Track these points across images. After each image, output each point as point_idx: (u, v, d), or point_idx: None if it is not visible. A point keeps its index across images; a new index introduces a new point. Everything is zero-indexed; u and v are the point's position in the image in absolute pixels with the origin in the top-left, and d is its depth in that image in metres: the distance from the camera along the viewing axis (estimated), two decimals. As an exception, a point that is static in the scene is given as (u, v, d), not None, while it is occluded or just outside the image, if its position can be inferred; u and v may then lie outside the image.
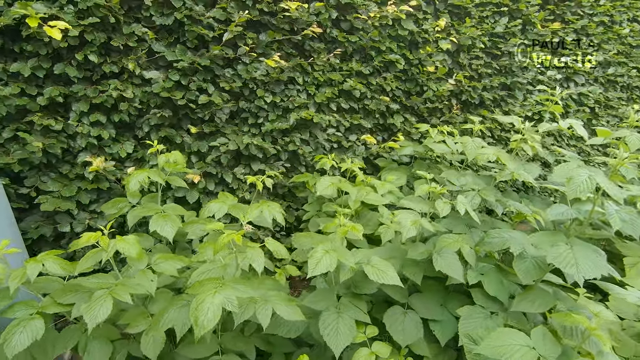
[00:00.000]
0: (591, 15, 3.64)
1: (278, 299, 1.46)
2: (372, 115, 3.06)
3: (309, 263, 1.48)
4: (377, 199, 2.40)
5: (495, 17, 3.23)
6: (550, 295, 1.64)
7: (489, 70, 3.30)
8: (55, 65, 1.99)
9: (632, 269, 2.10)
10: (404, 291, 2.00)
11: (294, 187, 2.91)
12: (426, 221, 1.77)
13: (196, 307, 1.17)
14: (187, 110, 2.37)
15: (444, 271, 1.74)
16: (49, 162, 2.16)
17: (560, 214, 1.59)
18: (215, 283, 1.26)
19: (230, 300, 1.20)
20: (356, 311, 1.69)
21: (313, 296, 1.74)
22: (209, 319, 1.14)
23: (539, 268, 1.63)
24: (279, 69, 2.48)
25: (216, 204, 1.79)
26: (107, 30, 2.07)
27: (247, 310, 1.36)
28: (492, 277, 1.83)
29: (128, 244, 1.43)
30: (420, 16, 2.91)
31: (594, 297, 2.35)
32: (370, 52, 2.86)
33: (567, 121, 2.18)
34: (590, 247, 1.46)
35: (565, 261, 1.39)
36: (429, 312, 1.92)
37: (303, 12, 2.41)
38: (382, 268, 1.59)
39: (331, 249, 1.57)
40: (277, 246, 1.38)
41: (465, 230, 2.11)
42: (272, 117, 2.62)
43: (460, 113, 3.37)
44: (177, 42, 2.24)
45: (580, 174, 1.43)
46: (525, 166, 2.25)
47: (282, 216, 1.71)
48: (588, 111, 3.99)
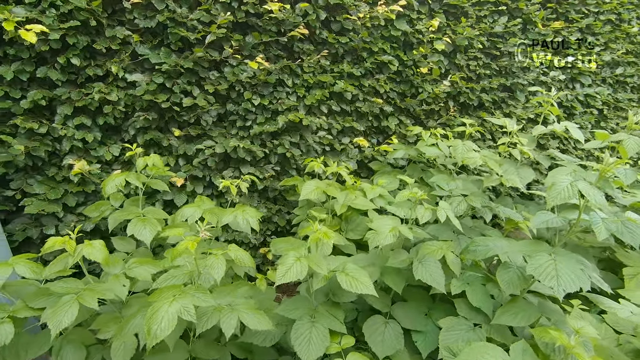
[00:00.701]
0: (597, 14, 3.50)
1: (246, 308, 1.42)
2: (365, 118, 3.00)
3: (277, 270, 1.43)
4: (364, 203, 2.34)
5: (494, 16, 3.14)
6: (534, 307, 1.55)
7: (487, 71, 3.21)
8: (39, 68, 2.00)
9: (631, 280, 1.99)
10: (387, 300, 1.94)
11: (284, 190, 2.87)
12: (405, 228, 1.70)
13: (150, 315, 1.13)
14: (173, 113, 2.36)
15: (424, 280, 1.67)
16: (35, 165, 2.17)
17: (544, 222, 1.51)
18: (175, 291, 1.23)
19: (187, 309, 1.16)
20: (331, 320, 1.63)
21: (288, 304, 1.70)
22: (162, 328, 1.11)
23: (523, 279, 1.55)
24: (266, 70, 2.44)
25: (190, 208, 1.76)
26: (90, 34, 2.08)
27: (210, 319, 1.32)
28: (477, 287, 1.75)
29: (94, 249, 1.42)
30: (414, 16, 2.84)
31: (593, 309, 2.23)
32: (362, 54, 2.80)
33: (563, 124, 2.08)
34: (575, 258, 1.37)
35: (545, 273, 1.31)
36: (411, 322, 1.85)
37: (288, 13, 2.38)
38: (356, 276, 1.53)
39: (303, 255, 1.52)
40: (239, 254, 1.34)
41: (452, 237, 2.03)
42: (261, 120, 2.59)
43: (459, 115, 3.28)
44: (162, 45, 2.23)
45: (562, 180, 1.35)
46: (519, 170, 2.16)
47: (257, 221, 1.66)
48: (595, 113, 3.84)
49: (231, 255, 1.31)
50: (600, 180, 1.37)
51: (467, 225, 2.19)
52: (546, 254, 1.38)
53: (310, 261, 1.50)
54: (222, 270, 1.27)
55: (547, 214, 1.53)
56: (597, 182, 1.37)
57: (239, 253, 1.34)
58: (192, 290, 1.24)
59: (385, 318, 1.85)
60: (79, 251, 1.39)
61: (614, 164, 1.35)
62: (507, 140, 2.06)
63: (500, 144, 2.09)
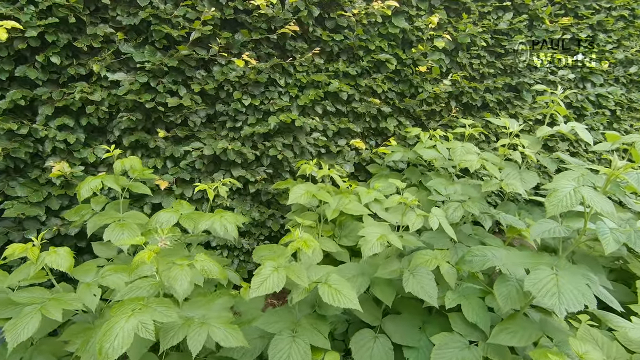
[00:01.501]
0: (609, 9, 3.33)
1: (218, 322, 1.31)
2: (363, 119, 2.88)
3: (252, 281, 1.32)
4: (357, 208, 2.22)
5: (498, 12, 2.99)
6: (535, 325, 1.41)
7: (491, 70, 3.06)
8: (18, 67, 1.94)
9: (645, 294, 1.82)
10: (377, 312, 1.81)
11: (278, 194, 2.77)
12: (395, 236, 1.57)
13: (104, 332, 1.03)
14: (159, 113, 2.27)
15: (415, 293, 1.54)
16: (17, 167, 2.11)
17: (544, 232, 1.37)
18: (136, 304, 1.13)
19: (145, 326, 1.06)
20: (314, 335, 1.52)
21: (269, 316, 1.59)
22: (115, 347, 1.01)
23: (523, 293, 1.41)
24: (256, 69, 2.35)
25: (166, 213, 1.67)
26: (71, 32, 2.01)
27: (177, 334, 1.22)
28: (473, 300, 1.62)
29: (58, 257, 1.33)
30: (412, 13, 2.72)
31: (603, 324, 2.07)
32: (358, 52, 2.69)
33: (570, 125, 1.93)
34: (580, 273, 1.23)
35: (545, 289, 1.17)
36: (403, 337, 1.72)
37: (278, 9, 2.28)
38: (339, 288, 1.41)
39: (283, 265, 1.41)
40: (206, 264, 1.24)
41: (449, 245, 1.90)
42: (252, 121, 2.49)
43: (461, 116, 3.14)
44: (146, 43, 2.16)
45: (564, 186, 1.21)
46: (522, 174, 2.02)
47: (235, 228, 1.56)
48: (608, 114, 3.65)
49: (197, 266, 1.21)
50: (608, 185, 1.23)
51: (466, 233, 2.05)
52: (547, 267, 1.24)
53: (289, 272, 1.39)
54: (186, 282, 1.16)
55: (548, 223, 1.39)
56: (605, 188, 1.23)
57: (205, 264, 1.24)
58: (154, 303, 1.13)
59: (375, 332, 1.72)
60: (42, 259, 1.30)
61: (623, 168, 1.21)
62: (506, 142, 1.92)
63: (499, 145, 1.95)
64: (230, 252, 2.69)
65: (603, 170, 1.27)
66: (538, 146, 2.12)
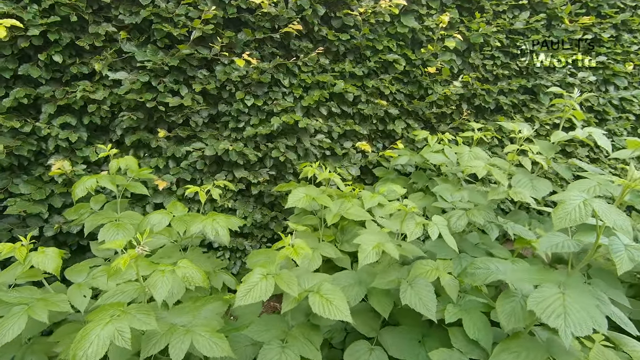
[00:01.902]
0: (635, 8, 3.15)
1: (203, 330, 1.26)
2: (369, 121, 2.80)
3: (238, 290, 1.27)
4: (359, 213, 2.14)
5: (514, 11, 2.87)
6: (541, 346, 1.30)
7: (506, 71, 2.94)
8: (21, 66, 1.95)
9: (665, 314, 1.69)
10: (375, 323, 1.74)
11: (280, 196, 2.72)
12: (392, 245, 1.50)
13: (79, 339, 1.00)
14: (160, 113, 2.26)
15: (412, 306, 1.46)
16: (21, 165, 2.13)
17: (552, 245, 1.27)
18: (115, 310, 1.09)
19: (122, 333, 1.02)
20: (305, 346, 1.46)
21: (260, 324, 1.53)
22: (89, 355, 0.97)
23: (528, 311, 1.31)
24: (259, 69, 2.31)
25: (158, 214, 1.64)
26: (74, 30, 2.01)
27: (158, 342, 1.18)
28: (475, 315, 1.52)
29: (46, 257, 1.31)
30: (423, 12, 2.63)
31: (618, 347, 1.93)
32: (365, 52, 2.61)
33: (586, 130, 1.81)
34: (590, 292, 1.13)
35: (550, 309, 1.07)
36: (400, 350, 1.64)
37: (280, 7, 2.23)
38: (330, 298, 1.35)
39: (272, 273, 1.36)
40: (188, 271, 1.20)
41: (452, 255, 1.80)
42: (255, 122, 2.45)
43: (474, 119, 3.02)
44: (148, 42, 2.14)
45: (573, 197, 1.11)
46: (533, 182, 1.91)
47: (227, 231, 1.51)
48: (632, 119, 3.46)
49: (178, 273, 1.17)
50: (624, 196, 1.12)
51: (473, 242, 1.95)
52: (554, 285, 1.14)
53: (279, 279, 1.33)
54: (165, 290, 1.12)
55: (557, 236, 1.29)
56: (622, 199, 1.13)
57: (187, 270, 1.19)
58: (134, 310, 1.10)
59: (371, 344, 1.65)
60: (29, 260, 1.29)
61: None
62: (515, 147, 1.81)
63: (508, 151, 1.84)
64: (233, 254, 2.66)
65: (618, 181, 1.17)
66: (552, 152, 1.99)
